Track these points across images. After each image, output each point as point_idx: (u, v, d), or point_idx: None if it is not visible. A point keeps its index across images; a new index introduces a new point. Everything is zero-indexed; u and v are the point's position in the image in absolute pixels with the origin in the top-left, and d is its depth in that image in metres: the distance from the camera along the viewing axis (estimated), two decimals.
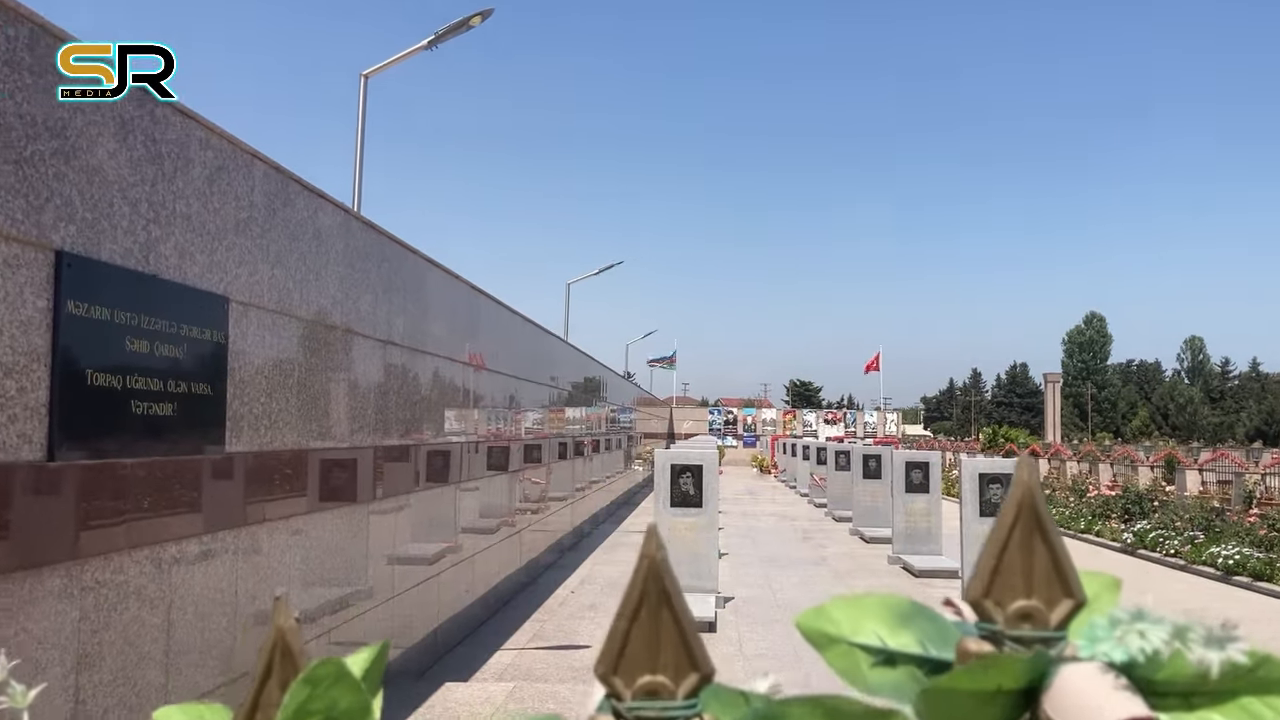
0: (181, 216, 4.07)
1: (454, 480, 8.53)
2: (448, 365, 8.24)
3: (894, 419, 62.25)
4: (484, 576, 9.56)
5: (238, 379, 4.52)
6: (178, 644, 4.00)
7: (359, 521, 6.18)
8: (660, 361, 62.34)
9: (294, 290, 5.16)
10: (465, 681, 7.10)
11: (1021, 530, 0.50)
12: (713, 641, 8.75)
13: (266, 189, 4.85)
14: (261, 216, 4.80)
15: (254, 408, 4.69)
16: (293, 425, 5.15)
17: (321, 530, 5.58)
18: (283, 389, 5.01)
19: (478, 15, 13.57)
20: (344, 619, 5.94)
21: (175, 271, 4.02)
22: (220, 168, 4.39)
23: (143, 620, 3.75)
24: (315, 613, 5.50)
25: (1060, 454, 32.89)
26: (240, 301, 4.56)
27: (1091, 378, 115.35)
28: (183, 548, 4.05)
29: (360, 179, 13.65)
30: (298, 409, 5.20)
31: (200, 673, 4.17)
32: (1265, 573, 13.03)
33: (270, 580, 4.88)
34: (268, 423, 4.84)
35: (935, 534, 14.76)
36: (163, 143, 3.94)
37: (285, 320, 5.06)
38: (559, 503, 14.56)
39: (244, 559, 4.59)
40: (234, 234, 4.52)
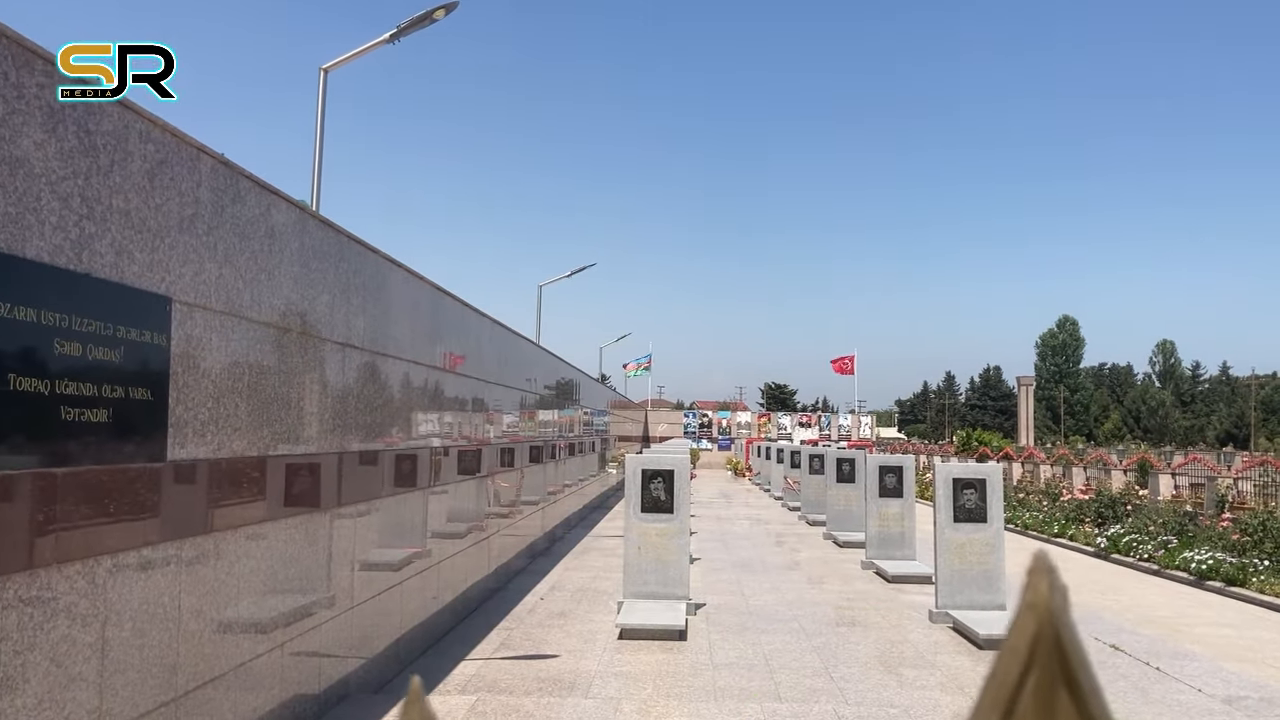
0: (119, 212, 3.87)
1: (420, 485, 8.33)
2: (411, 368, 8.04)
3: (868, 422, 62.36)
4: (451, 583, 9.36)
5: (181, 383, 4.31)
6: (113, 663, 3.79)
7: (317, 529, 5.98)
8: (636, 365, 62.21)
9: (244, 290, 4.96)
10: (426, 694, 6.89)
11: (1038, 681, 0.32)
12: (682, 650, 8.59)
13: (214, 185, 4.65)
14: (208, 213, 4.59)
15: (199, 413, 4.49)
16: (242, 431, 4.95)
17: (276, 539, 5.38)
18: (231, 394, 4.81)
19: (441, 8, 13.33)
20: (301, 630, 5.74)
21: (112, 270, 3.82)
22: (162, 162, 4.19)
23: (73, 639, 3.54)
24: (269, 624, 5.30)
25: (1034, 457, 32.95)
26: (184, 302, 4.35)
27: (1064, 381, 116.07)
28: (119, 561, 3.85)
29: (319, 176, 13.40)
30: (248, 414, 5.00)
31: (139, 692, 3.97)
32: (1238, 578, 12.99)
33: (218, 592, 4.68)
34: (214, 429, 4.63)
35: (909, 539, 14.66)
36: (98, 134, 3.73)
37: (234, 322, 4.85)
38: (530, 507, 14.37)
39: (188, 571, 4.39)
40: (178, 231, 4.31)
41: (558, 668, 7.87)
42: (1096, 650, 8.99)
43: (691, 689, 7.29)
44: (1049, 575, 0.31)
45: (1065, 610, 0.28)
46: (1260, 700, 7.40)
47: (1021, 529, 20.89)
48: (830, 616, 10.45)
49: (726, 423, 60.44)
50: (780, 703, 6.92)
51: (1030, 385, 74.80)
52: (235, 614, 4.88)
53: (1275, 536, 13.85)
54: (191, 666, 4.39)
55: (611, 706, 6.70)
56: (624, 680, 7.49)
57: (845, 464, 18.68)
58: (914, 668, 8.17)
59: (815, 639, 9.20)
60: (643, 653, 8.46)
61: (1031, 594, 0.31)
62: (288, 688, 5.54)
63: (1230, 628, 10.60)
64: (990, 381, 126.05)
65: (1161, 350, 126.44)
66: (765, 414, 65.49)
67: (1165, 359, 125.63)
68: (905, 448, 55.58)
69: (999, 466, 10.88)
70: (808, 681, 7.59)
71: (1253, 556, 13.52)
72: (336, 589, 6.35)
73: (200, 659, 4.48)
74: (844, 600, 11.52)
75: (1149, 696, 7.43)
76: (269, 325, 5.26)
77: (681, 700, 6.94)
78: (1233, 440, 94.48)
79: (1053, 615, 0.30)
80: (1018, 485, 27.80)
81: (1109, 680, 7.87)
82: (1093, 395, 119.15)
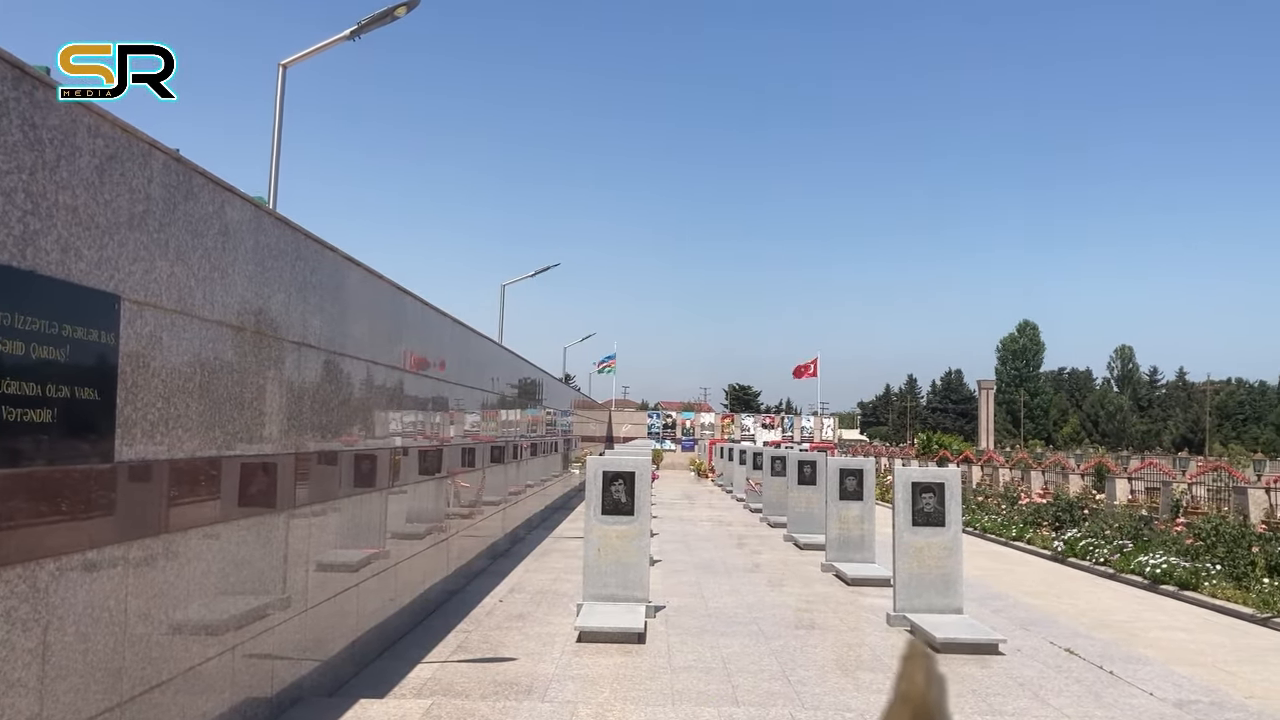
0: (66, 208, 3.79)
1: (379, 486, 8.25)
2: (370, 368, 7.96)
3: (831, 424, 62.67)
4: (409, 584, 9.29)
5: (130, 383, 4.23)
6: (55, 668, 3.71)
7: (272, 530, 5.90)
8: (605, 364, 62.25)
9: (197, 289, 4.87)
10: (381, 698, 6.83)
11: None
12: (641, 653, 8.57)
13: (166, 181, 4.57)
14: (160, 210, 4.51)
15: (149, 413, 4.41)
16: (194, 431, 4.87)
17: (229, 540, 5.30)
18: (183, 393, 4.73)
19: (402, 6, 13.21)
20: (254, 632, 5.66)
21: (57, 268, 3.74)
22: (112, 157, 4.11)
23: (12, 644, 3.46)
24: (220, 627, 5.22)
25: (993, 461, 33.24)
26: (134, 300, 4.27)
27: (1024, 385, 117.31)
28: (63, 563, 3.77)
29: (276, 173, 13.24)
30: (200, 414, 4.92)
31: (82, 698, 3.89)
32: (1191, 582, 13.17)
33: (167, 594, 4.60)
34: (165, 429, 4.55)
35: (868, 542, 14.73)
36: (43, 128, 3.65)
37: (186, 320, 4.77)
38: (492, 508, 14.30)
39: (136, 573, 4.31)
40: (128, 228, 4.23)
41: (515, 671, 7.82)
42: (1052, 654, 9.07)
43: (649, 692, 7.27)
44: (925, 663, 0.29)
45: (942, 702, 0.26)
46: (1210, 704, 7.49)
47: (980, 532, 21.07)
48: (789, 619, 10.47)
49: (690, 423, 60.55)
50: (738, 706, 6.92)
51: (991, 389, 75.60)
52: (185, 616, 4.80)
53: (1227, 541, 14.06)
54: (138, 671, 4.31)
55: (568, 710, 6.66)
56: (581, 683, 7.46)
57: (806, 466, 18.75)
58: (871, 671, 8.19)
59: (774, 642, 9.21)
60: (601, 655, 8.43)
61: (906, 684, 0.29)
62: (239, 691, 5.47)
63: (1183, 631, 10.73)
64: (952, 385, 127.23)
65: (1120, 355, 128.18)
66: (729, 415, 65.67)
67: (1123, 364, 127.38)
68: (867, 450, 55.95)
69: (957, 471, 10.95)
70: (765, 685, 7.60)
71: (1205, 561, 13.72)
72: (291, 591, 6.27)
73: (147, 663, 4.40)
74: (803, 603, 11.56)
75: (1102, 700, 7.50)
76: (222, 324, 5.18)
77: (638, 704, 6.91)
78: (1188, 445, 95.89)
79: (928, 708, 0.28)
80: (977, 488, 28.04)
81: (1064, 685, 7.94)
82: (1052, 399, 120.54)
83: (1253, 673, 8.79)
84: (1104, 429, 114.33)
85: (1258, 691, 8.09)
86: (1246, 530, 15.00)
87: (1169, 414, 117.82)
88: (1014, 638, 9.68)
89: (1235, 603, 12.10)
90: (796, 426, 60.60)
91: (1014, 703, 7.33)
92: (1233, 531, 14.49)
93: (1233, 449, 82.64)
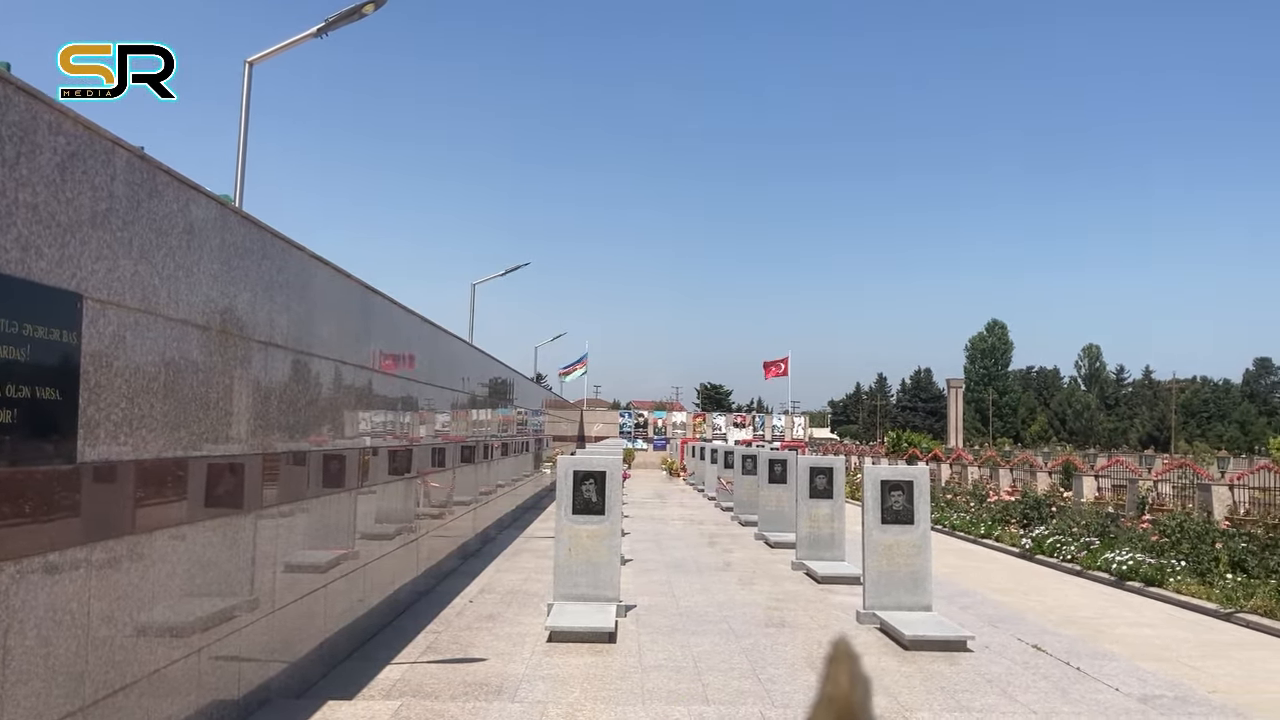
0: (26, 206, 3.74)
1: (348, 486, 8.21)
2: (338, 367, 7.91)
3: (801, 422, 62.90)
4: (379, 585, 9.24)
5: (93, 383, 4.18)
6: (15, 673, 3.66)
7: (238, 531, 5.85)
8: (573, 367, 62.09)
9: (161, 288, 4.82)
10: (350, 700, 6.79)
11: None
12: (611, 652, 8.57)
13: (129, 179, 4.52)
14: (123, 208, 4.46)
15: (113, 414, 4.36)
16: (159, 432, 4.82)
17: (195, 542, 5.24)
18: (147, 393, 4.68)
19: (370, 3, 13.12)
20: (221, 634, 5.61)
21: (17, 266, 3.68)
22: (74, 154, 4.06)
23: None
24: (186, 629, 5.17)
25: (962, 459, 33.46)
26: (97, 300, 4.22)
27: (993, 383, 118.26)
28: (24, 566, 3.72)
29: (243, 171, 13.13)
30: (164, 415, 4.87)
31: (43, 702, 3.84)
32: (1156, 578, 13.31)
33: (131, 596, 4.55)
34: (129, 430, 4.50)
35: (838, 540, 14.80)
36: (3, 125, 3.60)
37: (150, 320, 4.72)
38: (462, 508, 14.25)
39: (99, 575, 4.26)
40: (90, 227, 4.18)
41: (485, 671, 7.79)
42: (1019, 651, 9.14)
43: (619, 692, 7.26)
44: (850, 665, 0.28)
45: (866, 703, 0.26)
46: (1174, 699, 7.58)
47: (950, 530, 21.21)
48: (760, 618, 10.50)
49: (662, 423, 60.56)
50: (708, 705, 6.93)
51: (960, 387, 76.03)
52: (150, 619, 4.75)
53: (1192, 538, 14.22)
54: (101, 674, 4.26)
55: (538, 711, 6.65)
56: (551, 683, 7.45)
57: (777, 465, 18.81)
58: None
59: (744, 640, 9.24)
60: (572, 655, 8.42)
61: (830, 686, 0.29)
62: (205, 693, 5.42)
63: (1148, 627, 10.85)
64: (921, 383, 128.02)
65: (1087, 354, 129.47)
66: (700, 414, 65.76)
67: (1091, 363, 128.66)
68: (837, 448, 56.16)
69: (926, 469, 11.01)
70: (736, 683, 7.61)
71: (1170, 557, 13.87)
72: (259, 592, 6.22)
73: (111, 666, 4.35)
74: (774, 601, 11.59)
75: (1069, 696, 7.56)
76: (187, 323, 5.13)
77: (609, 703, 6.91)
78: (1155, 442, 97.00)
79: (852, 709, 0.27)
80: (946, 486, 28.21)
81: (1031, 681, 8.01)
82: (1020, 398, 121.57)
83: (1216, 667, 8.90)
84: (1071, 427, 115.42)
85: (1221, 686, 8.19)
86: (1210, 527, 15.18)
87: (1135, 412, 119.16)
88: (982, 635, 9.75)
89: (1199, 598, 12.24)
90: (768, 425, 60.75)
91: (982, 699, 7.38)
92: (1197, 528, 14.66)
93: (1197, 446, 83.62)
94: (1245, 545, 13.47)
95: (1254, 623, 11.01)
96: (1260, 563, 12.81)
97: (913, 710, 7.01)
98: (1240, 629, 10.96)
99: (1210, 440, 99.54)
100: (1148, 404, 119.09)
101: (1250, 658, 9.41)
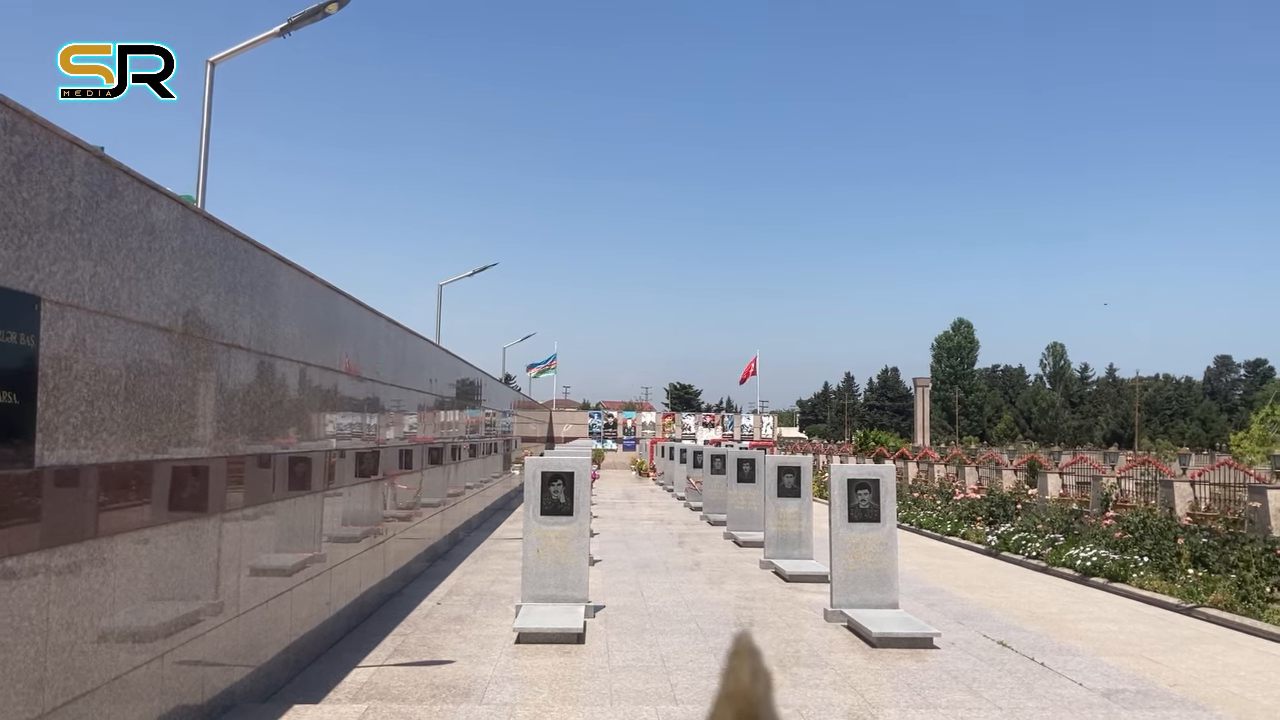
0: None
1: (314, 489, 8.15)
2: (303, 369, 7.85)
3: (770, 422, 63.07)
4: (346, 588, 9.18)
5: (52, 386, 4.13)
6: None
7: (202, 535, 5.80)
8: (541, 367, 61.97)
9: (121, 289, 4.77)
10: (316, 704, 6.74)
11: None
12: (580, 653, 8.56)
13: (88, 180, 4.47)
14: (82, 209, 4.41)
15: (72, 417, 4.31)
16: (120, 435, 4.76)
17: (157, 546, 5.19)
18: (107, 397, 4.63)
19: (333, 3, 13.01)
20: (185, 639, 5.56)
21: None
22: (30, 154, 4.01)
23: None
24: (148, 634, 5.12)
25: (929, 457, 33.70)
26: (55, 302, 4.17)
27: (959, 382, 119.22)
28: None
29: (205, 171, 12.99)
30: (126, 418, 4.81)
31: (0, 710, 3.79)
32: (1119, 574, 13.46)
33: (92, 602, 4.49)
34: (89, 433, 4.45)
35: (806, 538, 14.87)
36: None
37: (111, 322, 4.67)
38: (430, 509, 14.18)
39: (59, 581, 4.21)
40: (48, 228, 4.13)
41: (452, 674, 7.76)
42: (985, 647, 9.22)
43: (588, 692, 7.26)
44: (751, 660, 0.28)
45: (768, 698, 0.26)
46: (1137, 693, 7.67)
47: (916, 528, 21.35)
48: (728, 617, 10.52)
49: (632, 423, 60.55)
50: (675, 705, 6.94)
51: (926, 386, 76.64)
52: (112, 624, 4.70)
53: (1154, 534, 14.42)
54: (61, 681, 4.21)
55: (505, 712, 6.64)
56: (520, 685, 7.43)
57: (745, 464, 18.87)
58: (808, 667, 8.27)
59: (712, 640, 9.26)
60: (540, 657, 8.40)
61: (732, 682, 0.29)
62: (169, 699, 5.36)
63: (1112, 622, 10.97)
64: (888, 382, 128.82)
65: (1052, 352, 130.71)
66: (670, 414, 65.77)
67: (1055, 361, 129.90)
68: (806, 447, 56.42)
69: (892, 468, 11.08)
70: (704, 683, 7.62)
71: (1133, 553, 14.04)
72: (224, 596, 6.17)
73: (71, 673, 4.30)
74: (742, 600, 11.63)
75: (1033, 691, 7.64)
76: (149, 326, 5.08)
77: (577, 704, 6.90)
78: (1118, 440, 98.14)
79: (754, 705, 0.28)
80: (913, 484, 28.42)
81: (996, 677, 8.08)
82: (986, 396, 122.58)
83: (1177, 661, 9.01)
84: (1037, 425, 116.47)
85: (1181, 680, 8.29)
86: (1172, 523, 15.40)
87: (1099, 410, 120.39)
88: (948, 631, 9.83)
89: (1162, 593, 12.39)
90: (737, 425, 60.88)
91: (948, 696, 7.44)
92: (1159, 524, 14.86)
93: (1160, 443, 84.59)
94: (1206, 541, 13.67)
95: (1214, 617, 11.16)
96: (1220, 558, 13.00)
97: (880, 708, 7.06)
98: (1201, 623, 11.11)
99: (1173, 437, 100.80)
100: (1111, 402, 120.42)
101: (1211, 652, 9.54)
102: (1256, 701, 7.73)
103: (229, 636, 6.26)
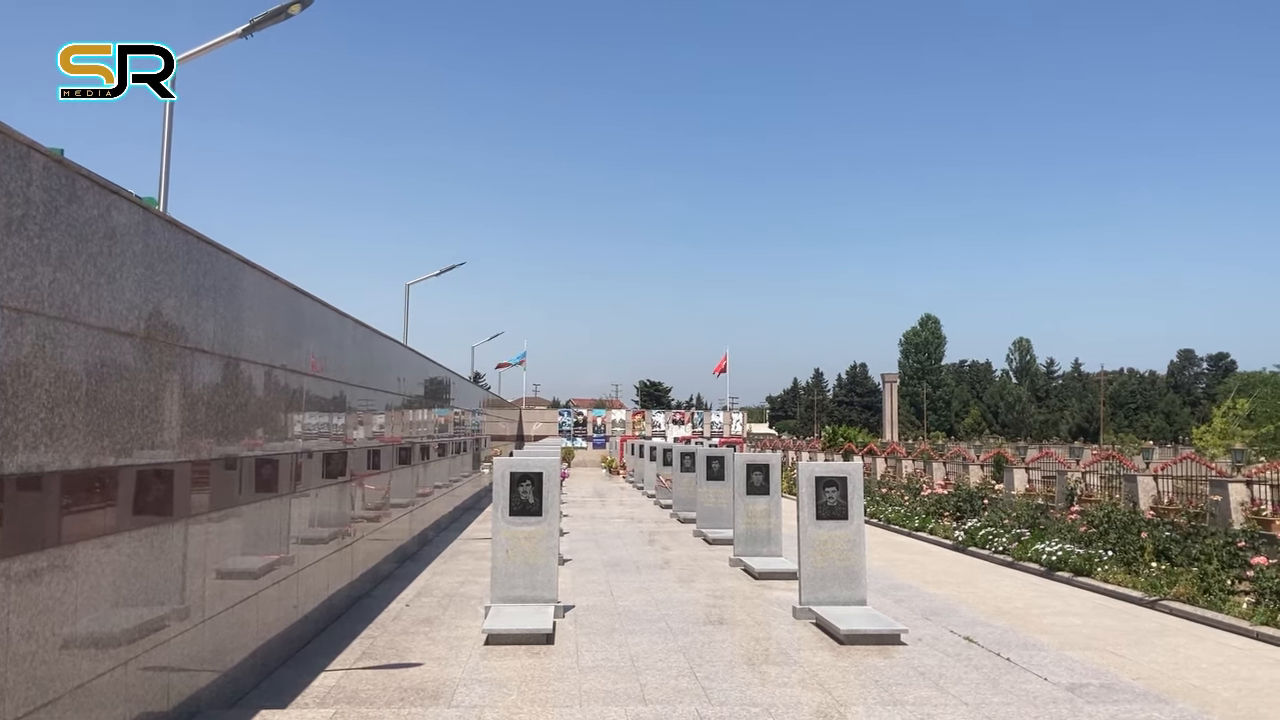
0: None
1: (281, 491, 8.10)
2: (269, 371, 7.80)
3: (740, 418, 63.27)
4: (313, 591, 9.13)
5: (10, 393, 4.08)
6: None
7: (166, 540, 5.75)
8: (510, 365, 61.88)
9: (82, 295, 4.72)
10: (283, 708, 6.71)
11: None
12: (549, 654, 8.56)
13: (47, 184, 4.41)
14: (40, 214, 4.36)
15: (32, 424, 4.26)
16: (82, 441, 4.71)
17: (121, 552, 5.14)
18: (69, 403, 4.58)
19: (296, 3, 12.91)
20: (149, 645, 5.51)
21: None
22: None
23: None
24: (112, 641, 5.07)
25: (896, 453, 33.91)
26: (13, 308, 4.12)
27: (927, 377, 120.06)
28: None
29: (167, 174, 12.86)
30: (88, 423, 4.77)
31: None
32: (1084, 568, 13.62)
33: (54, 610, 4.45)
34: (49, 440, 4.40)
35: (775, 536, 14.94)
36: None
37: (71, 328, 4.62)
38: (399, 510, 14.13)
39: (18, 589, 4.16)
40: (5, 233, 4.08)
41: (421, 676, 7.74)
42: (952, 643, 9.30)
43: (557, 694, 7.26)
44: None
45: None
46: (1100, 687, 7.76)
47: (885, 523, 21.50)
48: (698, 615, 10.56)
49: (602, 421, 60.60)
50: (645, 705, 6.96)
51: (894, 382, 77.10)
52: (75, 631, 4.65)
53: (1118, 528, 14.59)
54: (21, 691, 4.17)
55: (474, 715, 6.63)
56: (489, 687, 7.42)
57: (715, 462, 18.93)
58: (777, 665, 8.31)
59: (682, 638, 9.28)
60: (509, 658, 8.40)
61: None
62: (134, 706, 5.32)
63: (1076, 616, 11.10)
64: (857, 378, 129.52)
65: (1018, 348, 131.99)
66: (640, 411, 65.83)
67: (1022, 356, 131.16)
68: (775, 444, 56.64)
69: (859, 465, 11.16)
70: (673, 682, 7.65)
71: (1098, 547, 14.22)
72: (189, 600, 6.12)
73: (32, 683, 4.25)
74: (712, 598, 11.67)
75: (999, 686, 7.72)
76: (110, 331, 5.03)
77: (546, 706, 6.91)
78: (1084, 433, 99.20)
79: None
80: (881, 480, 28.59)
81: (963, 673, 8.15)
82: (954, 391, 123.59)
83: (1140, 654, 9.14)
84: (1004, 419, 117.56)
85: (1144, 673, 8.41)
86: (1136, 517, 15.60)
87: (1065, 404, 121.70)
88: (916, 627, 9.91)
89: (1126, 587, 12.55)
90: (706, 422, 61.06)
91: (915, 692, 7.50)
92: (1123, 518, 15.05)
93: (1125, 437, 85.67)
94: (1169, 534, 13.85)
95: (1177, 609, 11.32)
96: (1183, 551, 13.18)
97: (847, 705, 7.11)
98: (1164, 616, 11.27)
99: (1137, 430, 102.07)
100: (1077, 396, 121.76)
101: (1173, 644, 9.68)
102: (1217, 694, 7.85)
103: (195, 642, 6.22)
